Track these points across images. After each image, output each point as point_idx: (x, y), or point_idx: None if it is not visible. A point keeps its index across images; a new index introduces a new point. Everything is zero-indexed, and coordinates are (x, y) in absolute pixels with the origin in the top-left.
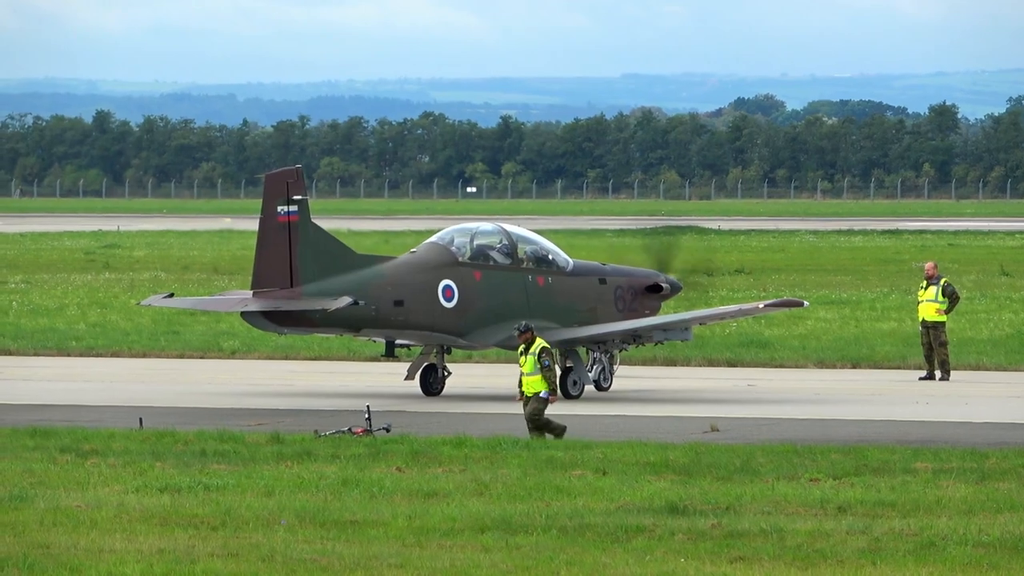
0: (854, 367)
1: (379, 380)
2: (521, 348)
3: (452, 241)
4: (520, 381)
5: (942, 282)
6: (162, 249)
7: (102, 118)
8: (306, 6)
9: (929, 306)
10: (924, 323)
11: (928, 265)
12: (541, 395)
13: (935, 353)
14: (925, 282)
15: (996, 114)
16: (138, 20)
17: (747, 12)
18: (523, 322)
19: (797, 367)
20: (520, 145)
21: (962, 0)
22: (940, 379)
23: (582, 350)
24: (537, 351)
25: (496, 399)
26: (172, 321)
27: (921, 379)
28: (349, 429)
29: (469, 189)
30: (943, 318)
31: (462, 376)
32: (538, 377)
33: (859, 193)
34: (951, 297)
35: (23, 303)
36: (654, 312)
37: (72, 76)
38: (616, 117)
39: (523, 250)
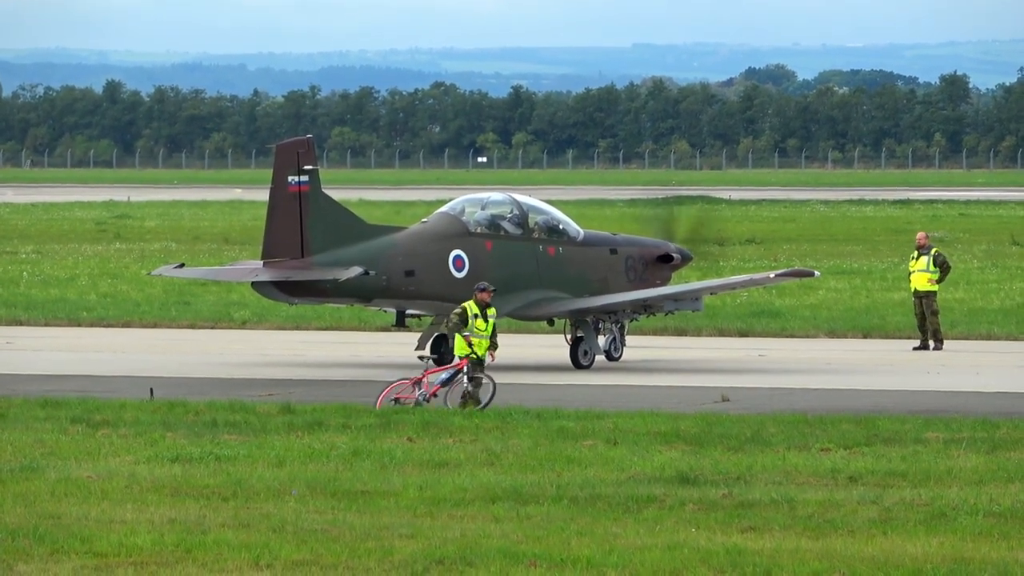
0: (865, 337)
1: (390, 350)
2: (477, 311)
3: (463, 211)
4: (460, 344)
5: (933, 252)
6: (173, 219)
7: (113, 88)
8: None
9: (921, 276)
10: (916, 293)
11: (919, 235)
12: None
13: (927, 322)
14: (916, 252)
15: (1007, 84)
16: None
17: None
18: (485, 282)
19: (808, 337)
20: (531, 115)
21: None
22: (934, 348)
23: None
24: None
25: (507, 369)
26: (183, 291)
27: (915, 349)
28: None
29: (480, 159)
30: (935, 288)
31: None
32: (487, 341)
33: (870, 163)
34: (942, 267)
35: (34, 273)
36: (665, 282)
37: (83, 46)
38: (627, 87)
39: (534, 220)
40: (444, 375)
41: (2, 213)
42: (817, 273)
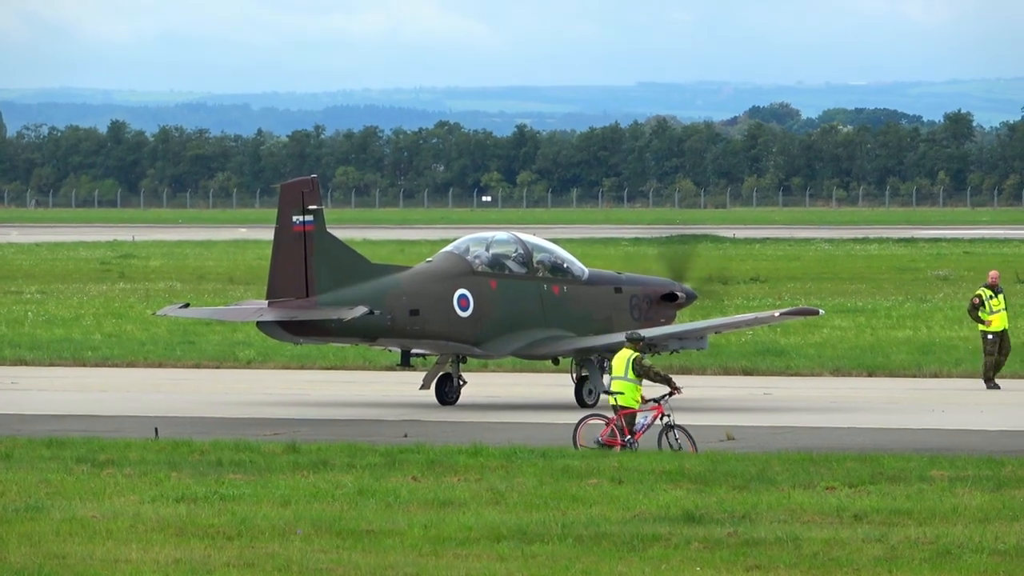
0: (870, 375)
1: (395, 389)
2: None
3: (467, 250)
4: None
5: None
6: (177, 259)
7: (117, 128)
8: (313, 14)
9: (1004, 315)
10: (1000, 333)
11: (993, 274)
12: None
13: (996, 361)
14: (991, 292)
15: (1011, 122)
16: (147, 30)
17: (761, 19)
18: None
19: (813, 375)
20: (535, 154)
21: (977, 8)
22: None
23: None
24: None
25: (512, 408)
26: (188, 331)
27: (992, 388)
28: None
29: (484, 198)
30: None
31: (477, 385)
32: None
33: (874, 201)
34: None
35: (39, 313)
36: (669, 321)
37: (87, 86)
38: (631, 126)
39: (538, 259)
40: (642, 419)
41: (7, 253)
42: (822, 311)
